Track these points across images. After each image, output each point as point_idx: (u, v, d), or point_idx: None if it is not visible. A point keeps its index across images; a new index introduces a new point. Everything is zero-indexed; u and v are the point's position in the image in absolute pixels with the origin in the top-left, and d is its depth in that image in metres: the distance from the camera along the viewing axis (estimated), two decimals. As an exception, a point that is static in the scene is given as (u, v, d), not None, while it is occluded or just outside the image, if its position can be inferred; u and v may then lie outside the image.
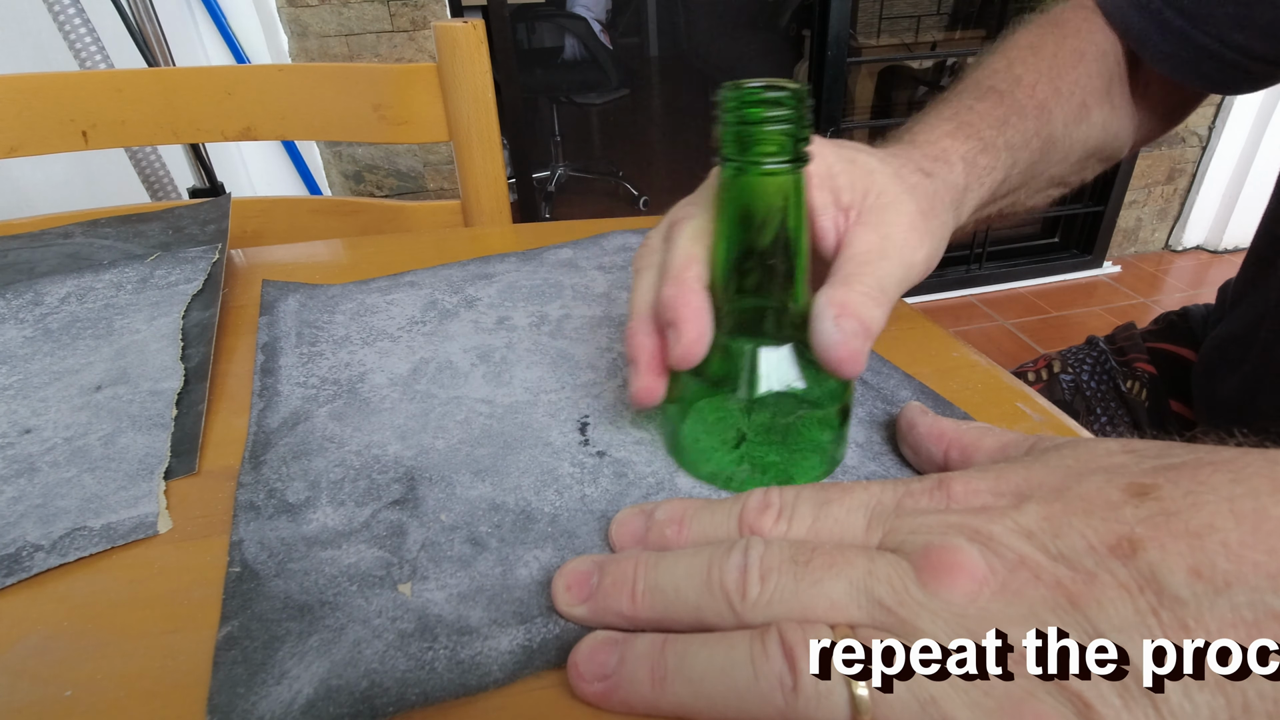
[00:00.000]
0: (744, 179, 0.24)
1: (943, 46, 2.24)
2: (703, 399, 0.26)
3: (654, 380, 0.26)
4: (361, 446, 0.29)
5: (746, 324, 0.25)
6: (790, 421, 0.25)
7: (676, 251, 0.26)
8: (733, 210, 0.24)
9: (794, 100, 0.22)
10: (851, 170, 0.28)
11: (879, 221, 0.27)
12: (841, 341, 0.24)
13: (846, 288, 0.25)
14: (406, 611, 0.22)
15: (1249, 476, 0.17)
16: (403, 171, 1.69)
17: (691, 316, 0.25)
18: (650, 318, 0.26)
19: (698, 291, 0.25)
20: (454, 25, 0.58)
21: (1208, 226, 2.19)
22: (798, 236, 0.24)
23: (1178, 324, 0.56)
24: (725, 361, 0.25)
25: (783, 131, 0.23)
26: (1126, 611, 0.16)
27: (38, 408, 0.32)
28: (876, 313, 0.25)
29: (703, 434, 0.26)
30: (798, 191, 0.24)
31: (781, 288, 0.25)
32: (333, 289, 0.42)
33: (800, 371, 0.25)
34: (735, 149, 0.23)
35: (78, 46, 0.86)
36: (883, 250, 0.26)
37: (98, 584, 0.24)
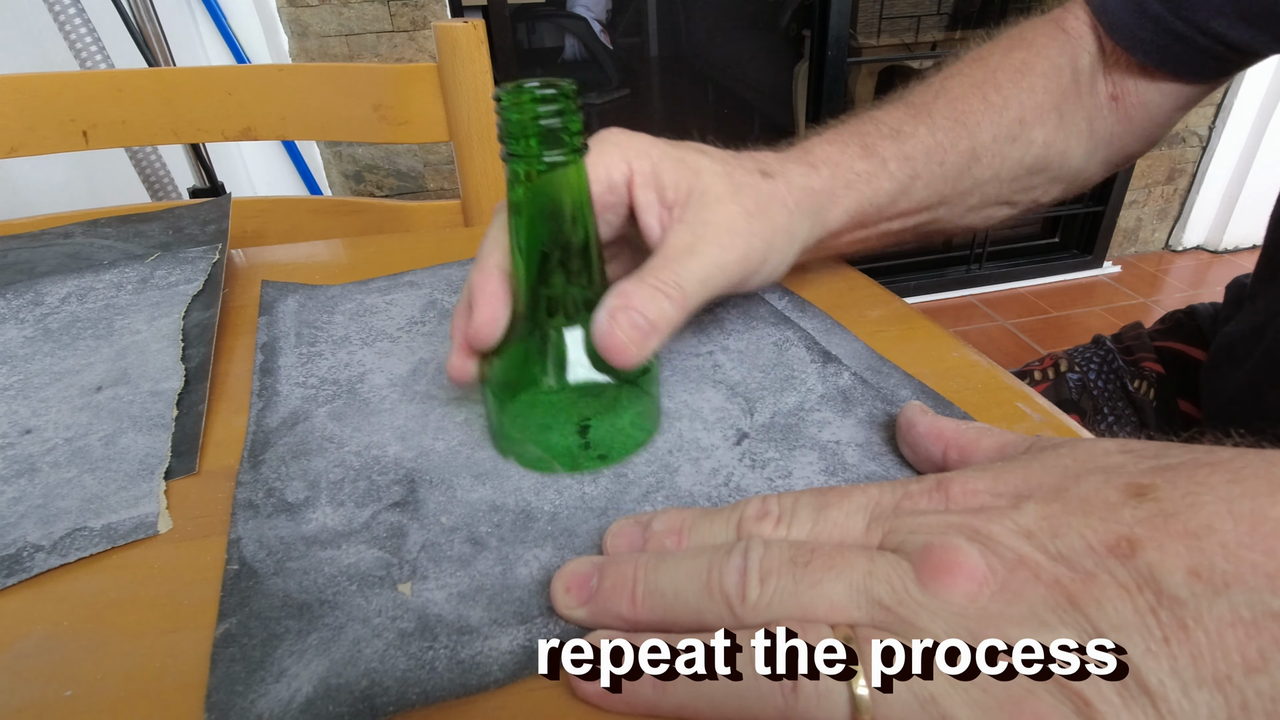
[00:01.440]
0: (526, 172, 0.25)
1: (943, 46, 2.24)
2: (519, 389, 0.27)
3: (462, 360, 0.27)
4: (361, 447, 0.29)
5: (552, 311, 0.26)
6: (600, 402, 0.27)
7: (486, 239, 0.28)
8: (522, 204, 0.25)
9: (563, 96, 0.24)
10: (678, 169, 0.29)
11: (695, 220, 0.28)
12: (608, 333, 0.25)
13: (638, 281, 0.26)
14: (406, 611, 0.22)
15: (1246, 477, 0.17)
16: (403, 171, 1.69)
17: (484, 300, 0.26)
18: (465, 302, 0.28)
19: (493, 277, 0.27)
20: (454, 25, 0.58)
21: (1208, 226, 2.19)
22: (585, 226, 0.26)
23: (1185, 323, 0.56)
24: (533, 349, 0.27)
25: (556, 125, 0.24)
26: (1126, 611, 0.16)
27: (38, 408, 0.32)
28: (665, 306, 0.26)
29: (520, 421, 0.27)
30: (578, 181, 0.25)
31: (579, 275, 0.26)
32: (332, 289, 0.42)
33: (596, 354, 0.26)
34: (516, 144, 0.24)
35: (78, 46, 0.86)
36: (691, 247, 0.27)
37: (98, 584, 0.24)
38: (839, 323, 0.36)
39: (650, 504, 0.26)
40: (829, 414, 0.30)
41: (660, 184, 0.29)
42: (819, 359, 0.33)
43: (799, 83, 2.17)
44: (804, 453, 0.28)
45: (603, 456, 0.28)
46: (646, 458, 0.28)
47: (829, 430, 0.29)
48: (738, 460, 0.28)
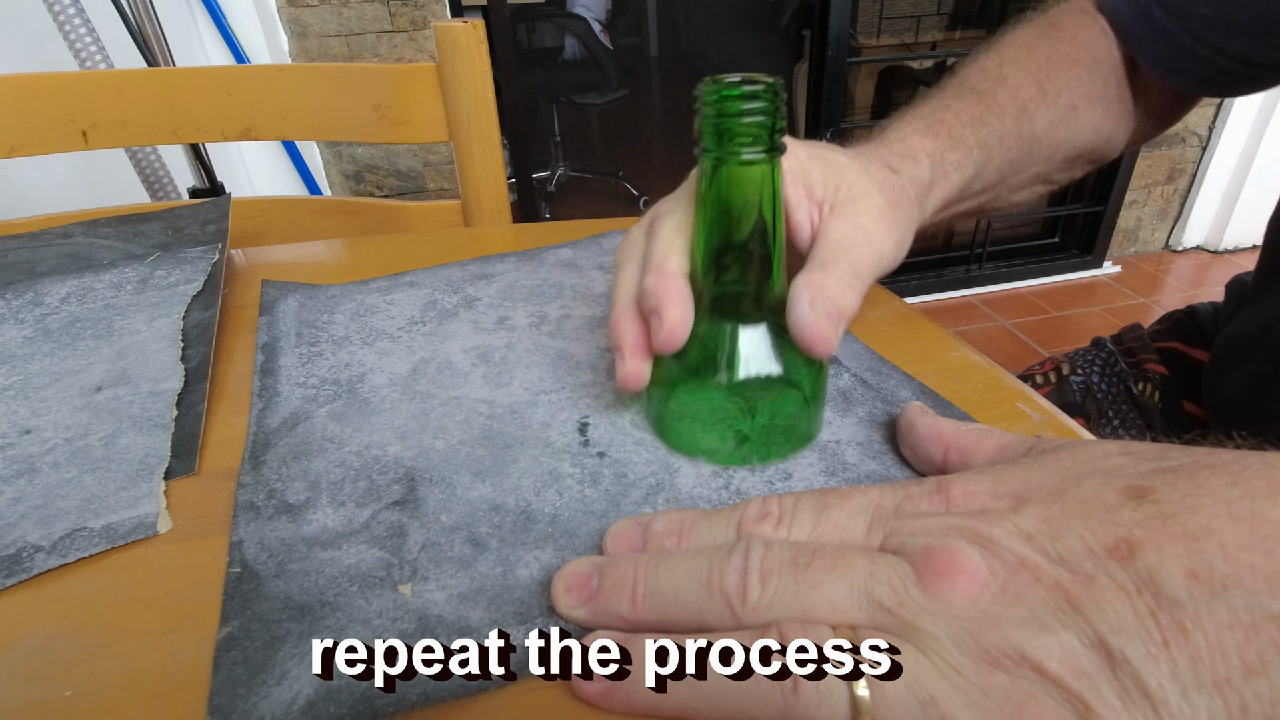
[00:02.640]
0: (723, 169, 0.25)
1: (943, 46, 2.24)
2: (687, 382, 0.27)
3: (638, 365, 0.27)
4: (361, 447, 0.29)
5: (727, 310, 0.27)
6: (769, 400, 0.27)
7: (658, 243, 0.27)
8: (713, 200, 0.25)
9: (769, 94, 0.24)
10: (824, 167, 0.30)
11: (851, 213, 0.29)
12: (814, 322, 0.25)
13: (823, 272, 0.27)
14: (407, 612, 0.22)
15: (1246, 479, 0.17)
16: (403, 171, 1.69)
17: (673, 303, 0.26)
18: (633, 306, 0.28)
19: (679, 279, 0.27)
20: (454, 25, 0.58)
21: (1208, 226, 2.19)
22: (774, 224, 0.26)
23: (1185, 322, 0.56)
24: (707, 346, 0.27)
25: (759, 123, 0.24)
26: (1125, 613, 0.16)
27: (38, 408, 0.32)
28: (850, 295, 0.27)
29: (687, 415, 0.28)
30: (774, 181, 0.25)
31: (759, 274, 0.26)
32: (332, 289, 0.42)
33: (778, 353, 0.26)
34: (714, 141, 0.24)
35: (78, 46, 0.86)
36: (855, 239, 0.28)
37: (98, 584, 0.24)
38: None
39: (651, 505, 0.26)
40: (829, 414, 0.30)
41: (809, 181, 0.29)
42: (819, 359, 0.33)
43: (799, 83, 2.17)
44: (804, 453, 0.28)
45: (764, 454, 0.28)
46: (647, 457, 0.28)
47: (829, 430, 0.29)
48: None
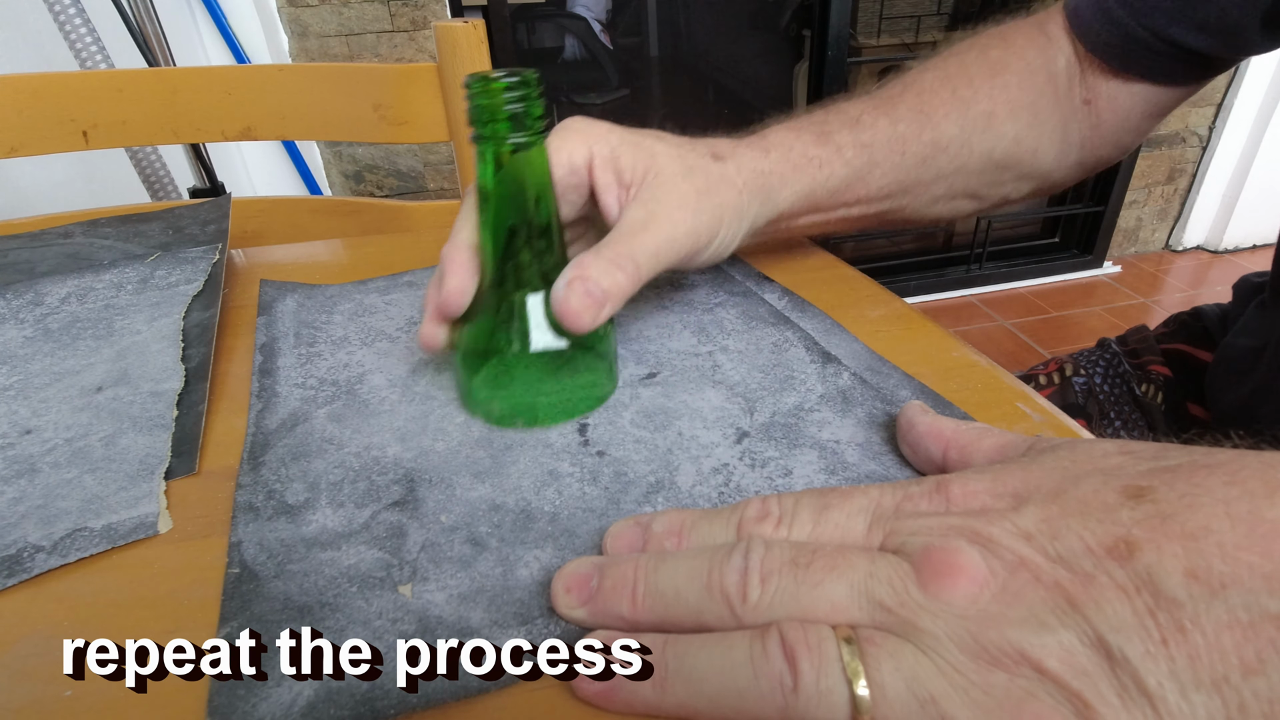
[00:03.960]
0: (490, 153, 0.27)
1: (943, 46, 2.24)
2: (484, 356, 0.30)
3: (433, 328, 0.30)
4: (361, 448, 0.29)
5: (516, 282, 0.29)
6: (561, 364, 0.30)
7: (457, 218, 0.30)
8: (486, 182, 0.28)
9: (525, 84, 0.27)
10: (635, 152, 0.31)
11: (649, 198, 0.30)
12: (564, 299, 0.28)
13: (594, 254, 0.29)
14: (407, 613, 0.22)
15: (1244, 479, 0.17)
16: (403, 171, 1.69)
17: (453, 270, 0.29)
18: (437, 276, 0.30)
19: (462, 249, 0.29)
20: (454, 25, 0.58)
21: (1208, 227, 2.19)
22: (546, 202, 0.29)
23: (1190, 324, 0.56)
24: (498, 319, 0.29)
25: (518, 110, 0.27)
26: (1125, 613, 0.16)
27: (38, 408, 0.32)
28: (617, 276, 0.28)
29: (488, 383, 0.30)
30: (540, 162, 0.28)
31: (539, 250, 0.29)
32: (331, 289, 0.42)
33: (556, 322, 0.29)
34: (481, 127, 0.27)
35: (78, 46, 0.86)
36: (644, 224, 0.30)
37: (98, 584, 0.24)
38: (839, 323, 0.36)
39: (651, 504, 0.26)
40: (829, 414, 0.30)
41: (618, 166, 0.31)
42: (818, 359, 0.33)
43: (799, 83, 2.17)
44: (804, 452, 0.28)
45: (562, 411, 0.30)
46: (646, 456, 0.28)
47: (829, 430, 0.29)
48: (738, 459, 0.28)
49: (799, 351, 0.34)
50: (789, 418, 0.30)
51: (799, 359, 0.34)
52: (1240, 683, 0.15)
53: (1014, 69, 0.41)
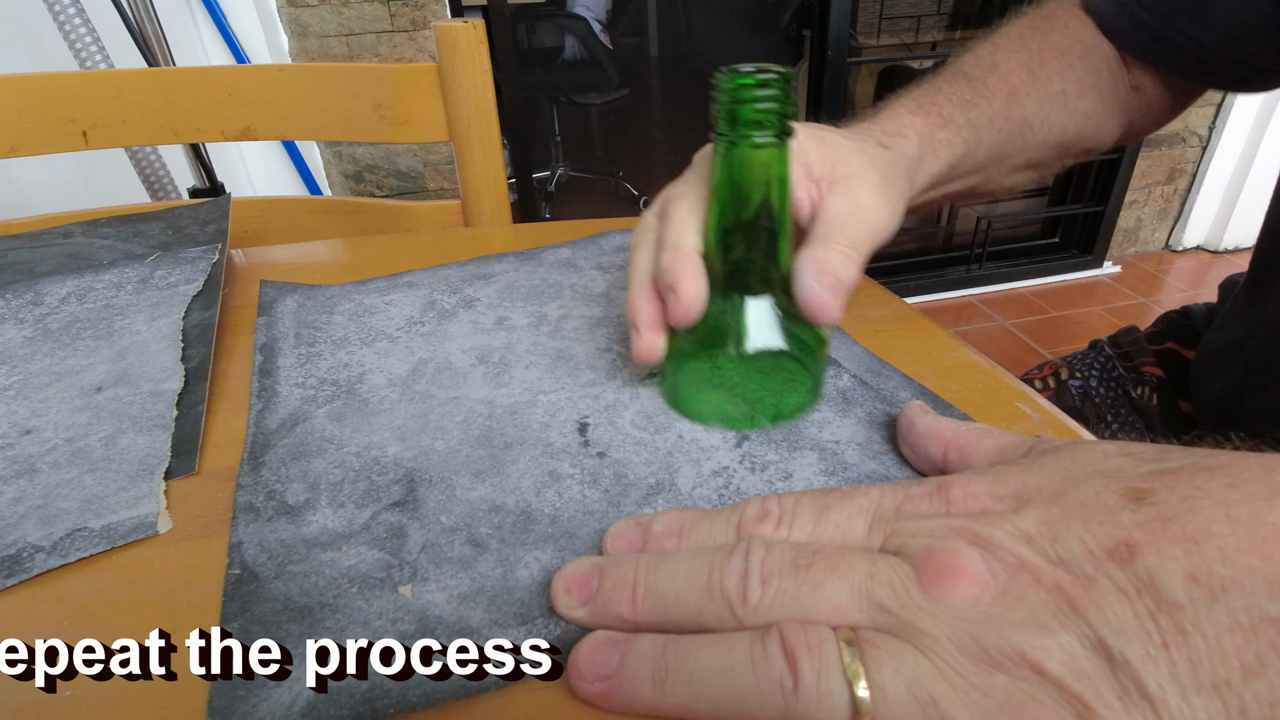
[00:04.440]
0: (736, 153, 0.27)
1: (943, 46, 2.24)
2: (700, 354, 0.29)
3: (654, 339, 0.29)
4: (361, 448, 0.29)
5: (738, 285, 0.28)
6: (776, 367, 0.29)
7: (672, 224, 0.29)
8: (725, 182, 0.27)
9: (780, 82, 0.26)
10: (821, 146, 0.31)
11: (847, 189, 0.30)
12: (818, 293, 0.27)
13: (825, 246, 0.28)
14: (407, 613, 0.22)
15: (1245, 481, 0.17)
16: (403, 171, 1.69)
17: (688, 279, 0.28)
18: (649, 285, 0.29)
19: (693, 257, 0.28)
20: (454, 25, 0.58)
21: (1208, 226, 2.19)
22: (782, 204, 0.28)
23: (1179, 322, 0.56)
24: (718, 320, 0.28)
25: (770, 109, 0.26)
26: (1125, 616, 0.16)
27: (38, 408, 0.32)
28: (850, 267, 0.28)
29: (704, 384, 0.29)
30: (782, 163, 0.27)
31: (768, 250, 0.28)
32: (331, 289, 0.42)
33: (783, 325, 0.28)
34: (729, 126, 0.26)
35: (78, 46, 0.86)
36: (852, 214, 0.30)
37: (98, 584, 0.24)
38: (838, 324, 0.36)
39: (651, 505, 0.26)
40: (828, 414, 0.30)
41: (807, 160, 0.31)
42: (819, 360, 0.33)
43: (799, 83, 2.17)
44: (804, 454, 0.28)
45: (774, 415, 0.30)
46: (646, 458, 0.28)
47: (829, 430, 0.29)
48: (738, 462, 0.28)
49: (799, 352, 0.34)
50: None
51: (799, 360, 0.34)
52: (1241, 686, 0.15)
53: (1075, 51, 0.43)
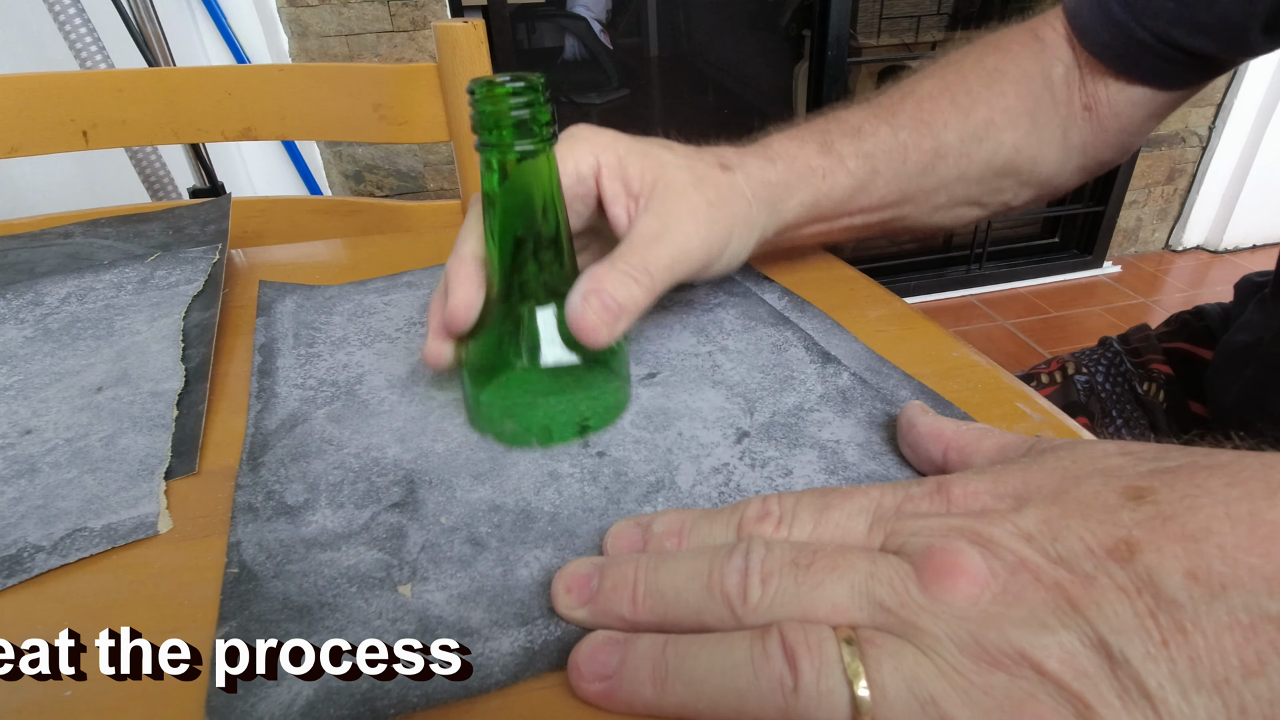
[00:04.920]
0: (496, 161, 0.26)
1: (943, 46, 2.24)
2: (492, 372, 0.29)
3: (439, 344, 0.29)
4: (360, 449, 0.29)
5: (526, 295, 0.28)
6: (573, 378, 0.29)
7: (462, 229, 0.29)
8: (492, 191, 0.27)
9: (531, 90, 0.25)
10: (643, 161, 0.30)
11: (661, 209, 0.30)
12: (582, 314, 0.27)
13: (609, 266, 0.28)
14: (407, 613, 0.22)
15: (1244, 480, 0.17)
16: (403, 171, 1.69)
17: (458, 285, 0.28)
18: (441, 289, 0.29)
19: (468, 262, 0.28)
20: (454, 25, 0.58)
21: (1208, 226, 2.19)
22: (555, 210, 0.27)
23: (1192, 323, 0.56)
24: (505, 332, 0.28)
25: (525, 116, 0.25)
26: (1125, 614, 0.16)
27: (38, 408, 0.32)
28: (632, 289, 0.28)
29: (496, 400, 0.29)
30: (548, 170, 0.27)
31: (551, 259, 0.28)
32: (330, 289, 0.42)
33: (570, 336, 0.28)
34: (488, 134, 0.26)
35: (78, 46, 0.86)
36: (657, 235, 0.29)
37: (98, 584, 0.24)
38: (838, 323, 0.36)
39: (651, 505, 0.26)
40: (828, 414, 0.30)
41: (626, 175, 0.30)
42: (818, 359, 0.33)
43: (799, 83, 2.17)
44: (804, 452, 0.28)
45: (574, 429, 0.29)
46: (646, 456, 0.28)
47: (829, 430, 0.29)
48: (738, 459, 0.28)
49: (799, 352, 0.34)
50: (789, 418, 0.30)
51: (799, 359, 0.34)
52: (1241, 684, 0.15)
53: (1011, 76, 0.41)
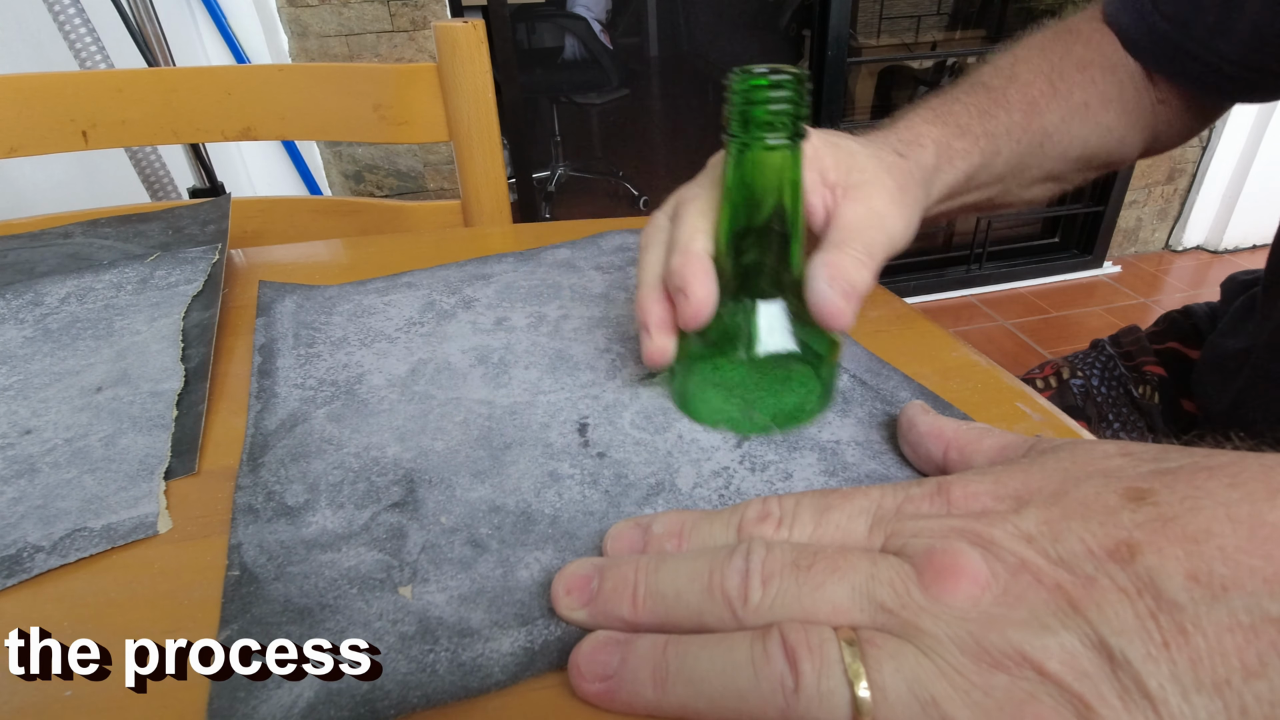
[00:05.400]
0: (748, 154, 0.26)
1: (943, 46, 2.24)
2: (709, 358, 0.29)
3: (664, 341, 0.29)
4: (360, 449, 0.29)
5: (749, 289, 0.28)
6: (786, 372, 0.29)
7: (684, 226, 0.29)
8: (737, 184, 0.27)
9: (794, 83, 0.25)
10: (836, 152, 0.31)
11: (863, 196, 0.30)
12: (830, 299, 0.27)
13: (839, 251, 0.28)
14: (407, 614, 0.22)
15: (1245, 481, 0.17)
16: (403, 171, 1.69)
17: (699, 281, 0.27)
18: (658, 286, 0.29)
19: (703, 259, 0.28)
20: (454, 25, 0.58)
21: (1208, 226, 2.19)
22: (795, 207, 0.27)
23: (1180, 322, 0.56)
24: (729, 323, 0.28)
25: (784, 111, 0.25)
26: (1126, 615, 0.16)
27: (38, 408, 0.32)
28: (864, 273, 0.28)
29: (711, 388, 0.29)
30: (795, 165, 0.27)
31: (780, 254, 0.28)
32: (330, 290, 0.42)
33: (795, 329, 0.28)
34: (741, 127, 0.26)
35: (78, 46, 0.86)
36: (867, 220, 0.30)
37: (98, 584, 0.24)
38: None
39: (651, 506, 0.26)
40: (828, 414, 0.30)
41: (822, 166, 0.30)
42: (819, 360, 0.33)
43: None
44: (804, 454, 0.28)
45: (782, 424, 0.29)
46: (646, 458, 0.28)
47: (829, 430, 0.29)
48: (738, 462, 0.28)
49: (799, 352, 0.34)
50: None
51: (799, 360, 0.34)
52: (1241, 685, 0.15)
53: (1098, 64, 0.43)
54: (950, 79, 1.98)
